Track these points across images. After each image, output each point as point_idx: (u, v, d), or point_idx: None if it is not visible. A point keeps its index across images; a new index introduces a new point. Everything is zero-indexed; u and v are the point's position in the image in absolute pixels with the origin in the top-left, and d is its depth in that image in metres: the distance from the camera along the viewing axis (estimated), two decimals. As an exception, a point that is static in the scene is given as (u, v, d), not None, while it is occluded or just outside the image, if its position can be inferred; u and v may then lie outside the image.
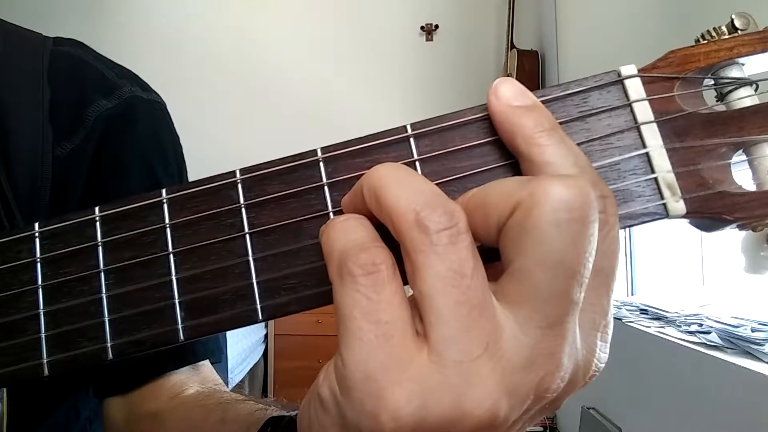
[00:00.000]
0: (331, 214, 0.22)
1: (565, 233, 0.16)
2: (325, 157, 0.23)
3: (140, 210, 0.24)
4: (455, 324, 0.17)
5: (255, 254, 0.23)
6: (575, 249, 0.16)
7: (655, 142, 0.20)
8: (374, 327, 0.17)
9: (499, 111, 0.20)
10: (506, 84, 0.21)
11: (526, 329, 0.17)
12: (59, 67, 0.46)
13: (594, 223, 0.17)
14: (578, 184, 0.17)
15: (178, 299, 0.23)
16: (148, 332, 0.24)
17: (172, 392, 0.44)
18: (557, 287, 0.17)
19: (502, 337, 0.17)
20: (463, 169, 0.21)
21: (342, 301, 0.18)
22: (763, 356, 1.11)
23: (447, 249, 0.17)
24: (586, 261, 0.17)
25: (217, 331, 0.24)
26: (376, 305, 0.17)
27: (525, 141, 0.19)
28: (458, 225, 0.17)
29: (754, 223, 0.19)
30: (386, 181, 0.19)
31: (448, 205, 0.17)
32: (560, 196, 0.16)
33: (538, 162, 0.19)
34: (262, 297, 0.23)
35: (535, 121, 0.19)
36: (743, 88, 0.20)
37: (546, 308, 0.17)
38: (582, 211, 0.16)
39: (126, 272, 0.24)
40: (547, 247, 0.16)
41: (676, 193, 0.19)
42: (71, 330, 0.24)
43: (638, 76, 0.20)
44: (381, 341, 0.17)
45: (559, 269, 0.16)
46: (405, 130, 0.22)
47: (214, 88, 2.72)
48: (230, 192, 0.23)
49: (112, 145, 0.46)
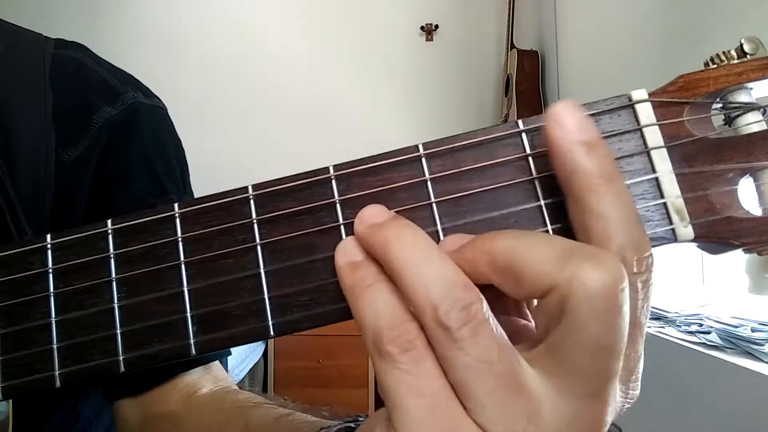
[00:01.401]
0: (343, 230, 0.22)
1: (602, 320, 0.17)
2: (338, 175, 0.23)
3: (153, 224, 0.24)
4: (494, 406, 0.17)
5: (267, 270, 0.23)
6: (612, 331, 0.17)
7: (664, 167, 0.20)
8: (420, 400, 0.18)
9: (561, 144, 0.19)
10: (569, 111, 0.19)
11: (566, 399, 0.18)
12: (61, 71, 0.46)
13: (626, 303, 0.17)
14: (613, 270, 0.17)
15: (190, 313, 0.24)
16: (160, 346, 0.24)
17: (185, 393, 0.44)
18: (596, 366, 0.17)
19: (542, 408, 0.17)
20: (473, 188, 0.21)
21: (385, 380, 0.18)
22: (763, 356, 1.11)
23: (470, 343, 0.17)
24: (623, 337, 0.17)
25: (229, 346, 0.24)
26: (418, 379, 0.18)
27: (582, 185, 0.19)
28: (477, 316, 0.18)
29: (759, 247, 0.19)
30: (404, 264, 0.19)
31: (466, 298, 0.18)
32: (597, 288, 0.16)
33: (589, 210, 0.19)
34: (274, 313, 0.23)
35: (599, 166, 0.19)
36: (751, 113, 0.21)
37: (585, 383, 0.17)
38: (618, 297, 0.17)
39: (138, 285, 0.24)
40: (585, 334, 0.17)
41: (685, 218, 0.20)
42: (83, 342, 0.25)
43: (648, 101, 0.21)
44: (429, 413, 0.18)
45: (598, 351, 0.17)
46: (417, 149, 0.22)
47: (214, 88, 2.71)
48: (243, 208, 0.24)
49: (116, 152, 0.46)
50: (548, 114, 0.20)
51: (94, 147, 0.45)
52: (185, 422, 0.42)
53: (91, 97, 0.46)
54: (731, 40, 0.21)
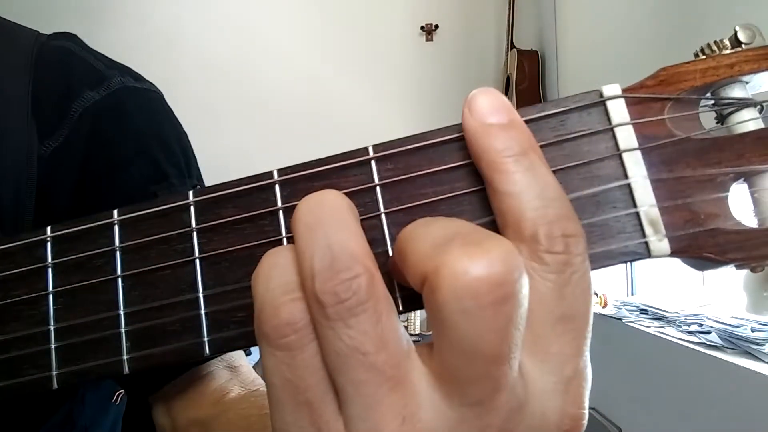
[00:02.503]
0: (285, 240, 0.21)
1: (475, 320, 0.14)
2: (282, 180, 0.21)
3: (92, 231, 0.23)
4: (361, 401, 0.15)
5: (204, 283, 0.21)
6: (491, 334, 0.14)
7: (638, 172, 0.18)
8: (292, 395, 0.16)
9: (470, 127, 0.18)
10: (483, 96, 0.18)
11: (450, 405, 0.15)
12: (45, 59, 0.43)
13: (516, 296, 0.14)
14: (492, 263, 0.14)
15: (125, 329, 0.22)
16: (93, 362, 0.23)
17: (213, 398, 0.43)
18: (476, 372, 0.15)
19: (420, 409, 0.15)
20: (427, 195, 0.19)
21: (263, 364, 0.17)
22: (763, 356, 1.11)
23: (344, 325, 0.15)
24: (511, 339, 0.15)
25: (164, 364, 0.22)
26: (293, 371, 0.16)
27: (489, 165, 0.17)
28: (357, 294, 0.15)
29: (752, 263, 0.17)
30: (299, 227, 0.17)
31: (348, 269, 0.15)
32: (466, 281, 0.14)
33: (499, 191, 0.17)
34: (210, 330, 0.21)
35: (505, 144, 0.17)
36: (746, 110, 0.18)
37: (468, 390, 0.15)
38: (494, 294, 0.14)
39: (74, 297, 0.23)
40: (456, 335, 0.14)
41: (660, 231, 0.17)
42: (17, 356, 0.23)
43: (623, 97, 0.18)
44: (301, 409, 0.16)
45: (475, 356, 0.14)
46: (367, 152, 0.20)
47: (213, 89, 2.71)
48: (182, 215, 0.22)
49: (104, 140, 0.43)
50: (464, 101, 0.18)
51: (75, 137, 0.42)
52: (214, 427, 0.41)
53: (74, 84, 0.43)
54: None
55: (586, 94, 0.19)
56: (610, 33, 1.84)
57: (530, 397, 0.16)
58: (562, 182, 0.17)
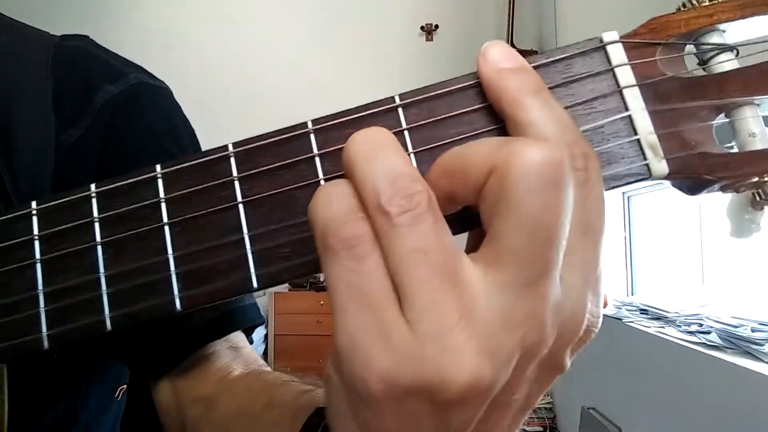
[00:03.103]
0: (322, 181, 0.23)
1: (540, 197, 0.17)
2: (316, 129, 0.23)
3: (135, 185, 0.25)
4: (425, 299, 0.17)
5: (249, 225, 0.23)
6: (550, 212, 0.17)
7: (637, 105, 0.20)
8: (357, 298, 0.18)
9: (487, 73, 0.21)
10: (495, 47, 0.21)
11: (504, 290, 0.17)
12: (63, 58, 0.46)
13: (568, 186, 0.17)
14: (550, 147, 0.17)
15: (175, 271, 0.24)
16: (145, 303, 0.24)
17: (217, 377, 0.44)
18: (533, 249, 0.17)
19: (477, 304, 0.17)
20: (450, 135, 0.22)
21: (327, 275, 0.19)
22: (763, 356, 1.11)
23: (408, 230, 0.17)
24: (562, 224, 0.17)
25: (214, 301, 0.24)
26: (358, 277, 0.18)
27: (509, 103, 0.20)
28: (419, 205, 0.18)
29: (737, 183, 0.20)
30: (356, 158, 0.19)
31: (410, 187, 0.18)
32: (533, 161, 0.17)
33: (521, 123, 0.19)
34: (257, 266, 0.23)
35: (521, 84, 0.20)
36: (724, 53, 0.21)
37: (523, 269, 0.17)
38: (555, 174, 0.17)
39: (122, 246, 0.24)
40: (522, 211, 0.17)
41: (659, 153, 0.20)
42: (70, 304, 0.25)
43: (620, 42, 0.21)
44: (365, 311, 0.18)
45: (535, 232, 0.17)
46: (393, 100, 0.23)
47: (212, 89, 2.73)
48: (223, 165, 0.24)
49: (122, 132, 0.45)
50: (478, 54, 0.21)
51: (96, 127, 0.44)
52: (218, 403, 0.42)
53: (93, 79, 0.46)
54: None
55: (588, 41, 0.22)
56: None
57: (565, 295, 0.18)
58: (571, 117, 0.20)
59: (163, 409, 0.46)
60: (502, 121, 0.21)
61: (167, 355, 0.45)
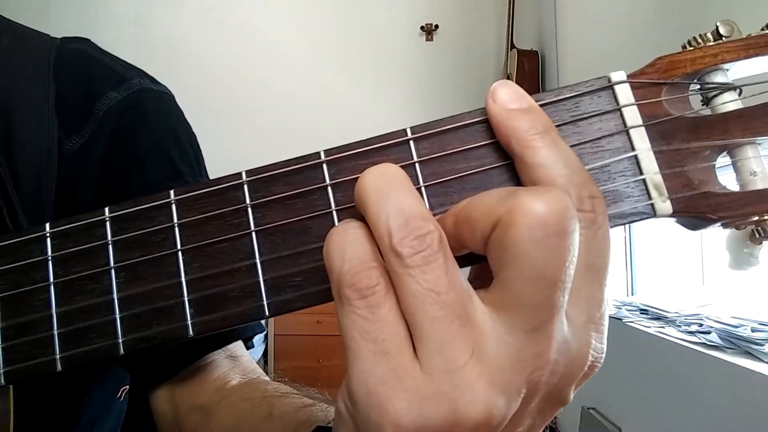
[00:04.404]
0: (335, 213, 0.23)
1: (543, 248, 0.17)
2: (328, 160, 0.23)
3: (149, 210, 0.25)
4: (437, 337, 0.18)
5: (261, 253, 0.24)
6: (554, 261, 0.17)
7: (643, 145, 0.21)
8: (372, 345, 0.18)
9: (496, 113, 0.21)
10: (504, 87, 0.21)
11: (512, 333, 0.18)
12: (64, 62, 0.46)
13: (573, 232, 0.18)
14: (553, 198, 0.17)
15: (187, 297, 0.24)
16: (158, 328, 0.24)
17: (216, 385, 0.45)
18: (539, 296, 0.18)
19: (487, 342, 0.18)
20: (460, 170, 0.22)
21: (342, 322, 0.19)
22: (763, 356, 1.11)
23: (420, 271, 0.18)
24: (567, 269, 0.18)
25: (226, 327, 0.24)
26: (372, 324, 0.19)
27: (518, 143, 0.20)
28: (430, 246, 0.18)
29: (737, 221, 0.20)
30: (368, 195, 0.20)
31: (421, 227, 0.18)
32: (537, 213, 0.17)
33: (530, 164, 0.20)
34: (269, 294, 0.23)
35: (529, 124, 0.20)
36: (727, 93, 0.21)
37: (529, 314, 0.18)
38: (558, 225, 0.17)
39: (136, 270, 0.25)
40: (527, 262, 0.17)
41: (663, 193, 0.21)
42: (83, 327, 0.25)
43: (627, 82, 0.22)
44: (378, 358, 0.18)
45: (540, 281, 0.17)
46: (405, 133, 0.23)
47: (213, 89, 2.72)
48: (236, 193, 0.24)
49: (125, 138, 0.45)
50: (487, 93, 0.21)
51: (99, 133, 0.44)
52: (215, 412, 0.42)
53: (96, 84, 0.46)
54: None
55: (596, 80, 0.22)
56: (609, 33, 1.85)
57: (571, 333, 0.19)
58: (579, 155, 0.21)
59: (159, 416, 0.46)
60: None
61: (166, 364, 0.45)
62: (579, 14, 2.16)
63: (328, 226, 0.22)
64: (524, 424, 0.20)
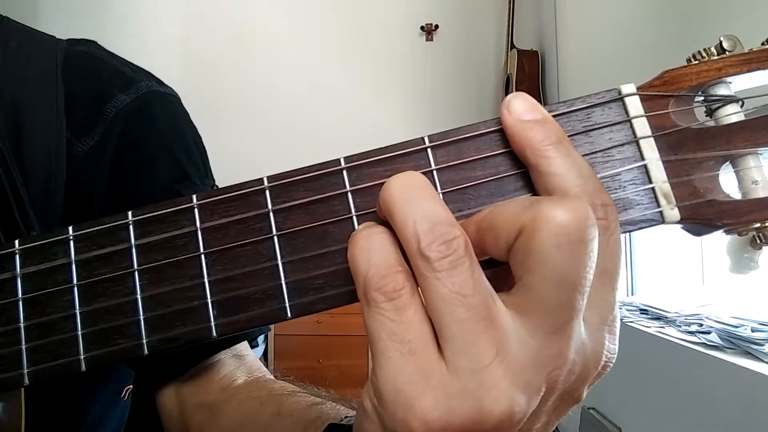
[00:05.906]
0: (355, 218, 0.24)
1: (566, 254, 0.18)
2: (348, 166, 0.24)
3: (172, 214, 0.25)
4: (463, 337, 0.19)
5: (283, 256, 0.24)
6: (576, 266, 0.18)
7: (652, 155, 0.22)
8: (399, 346, 0.19)
9: (511, 125, 0.22)
10: (518, 99, 0.22)
11: (534, 334, 0.19)
12: (73, 64, 0.46)
13: (593, 240, 0.18)
14: (576, 207, 0.18)
15: (211, 299, 0.25)
16: (182, 329, 0.25)
17: (222, 384, 0.45)
18: (561, 299, 0.19)
19: (510, 343, 0.19)
20: (477, 177, 0.23)
21: (369, 324, 0.20)
22: (763, 356, 1.11)
23: (447, 274, 0.19)
24: (587, 274, 0.19)
25: (249, 328, 0.25)
26: (399, 326, 0.19)
27: (533, 153, 0.21)
28: (457, 251, 0.19)
29: (740, 228, 0.21)
30: (395, 201, 0.20)
31: (448, 233, 0.19)
32: (560, 221, 0.18)
33: (545, 173, 0.21)
34: (291, 296, 0.24)
35: (544, 135, 0.21)
36: (730, 105, 0.22)
37: (551, 317, 0.19)
38: (580, 233, 0.18)
39: (159, 273, 0.25)
40: (550, 267, 0.18)
41: (671, 201, 0.22)
42: (107, 328, 0.26)
43: (637, 94, 0.23)
44: (406, 358, 0.19)
45: (562, 285, 0.18)
46: (423, 141, 0.24)
47: (213, 90, 2.72)
48: (258, 198, 0.25)
49: (134, 140, 0.46)
50: (501, 104, 0.22)
51: (109, 136, 0.45)
52: (222, 410, 0.43)
53: (105, 87, 0.47)
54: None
55: (607, 92, 0.23)
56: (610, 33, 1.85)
57: (587, 334, 0.20)
58: (590, 165, 0.22)
59: (165, 414, 0.47)
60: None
61: (175, 363, 0.46)
62: (579, 14, 2.16)
63: (348, 231, 0.23)
64: (541, 421, 0.21)
